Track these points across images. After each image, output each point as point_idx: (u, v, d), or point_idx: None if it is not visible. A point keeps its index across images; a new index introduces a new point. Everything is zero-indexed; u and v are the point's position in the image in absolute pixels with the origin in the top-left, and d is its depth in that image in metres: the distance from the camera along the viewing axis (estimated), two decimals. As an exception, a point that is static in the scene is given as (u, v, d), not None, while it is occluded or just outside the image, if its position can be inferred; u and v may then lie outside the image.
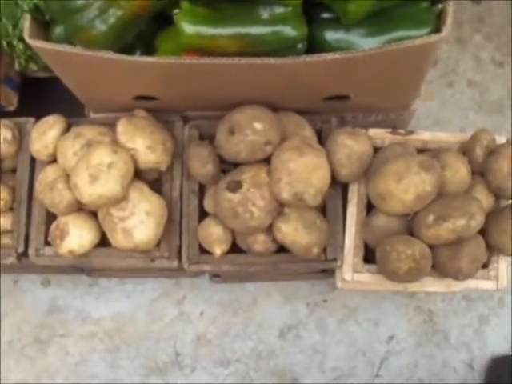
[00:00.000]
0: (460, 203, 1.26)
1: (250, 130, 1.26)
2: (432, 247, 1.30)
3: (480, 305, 1.66)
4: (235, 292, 1.66)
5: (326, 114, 1.41)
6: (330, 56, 1.12)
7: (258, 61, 1.13)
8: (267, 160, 1.28)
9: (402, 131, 1.40)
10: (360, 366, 1.64)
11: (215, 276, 1.60)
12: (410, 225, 1.31)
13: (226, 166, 1.35)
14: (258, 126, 1.26)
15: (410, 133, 1.40)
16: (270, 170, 1.27)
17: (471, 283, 1.37)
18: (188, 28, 1.12)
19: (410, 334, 1.65)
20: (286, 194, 1.23)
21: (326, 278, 1.57)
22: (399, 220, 1.31)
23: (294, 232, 1.29)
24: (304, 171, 1.23)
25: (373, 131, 1.40)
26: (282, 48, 1.17)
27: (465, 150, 1.38)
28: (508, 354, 1.65)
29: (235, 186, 1.28)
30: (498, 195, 1.36)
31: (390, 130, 1.40)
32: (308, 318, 1.65)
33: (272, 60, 1.13)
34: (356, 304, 1.65)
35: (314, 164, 1.24)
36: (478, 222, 1.25)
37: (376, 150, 1.37)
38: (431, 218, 1.25)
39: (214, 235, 1.35)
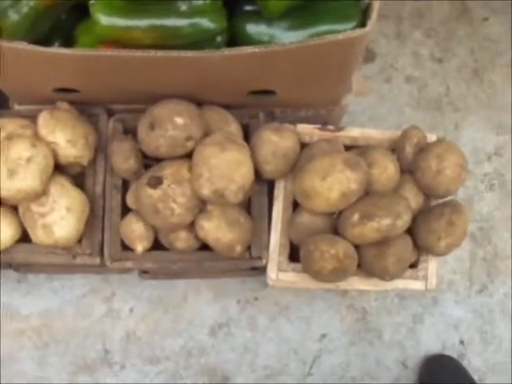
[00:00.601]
0: (386, 202, 1.24)
1: (171, 124, 1.23)
2: (358, 246, 1.28)
3: (414, 303, 1.65)
4: (165, 289, 1.63)
5: (254, 109, 1.38)
6: (249, 50, 1.09)
7: (174, 53, 1.09)
8: (189, 156, 1.24)
9: (331, 127, 1.37)
10: (292, 365, 1.61)
11: (144, 272, 1.56)
12: (335, 223, 1.28)
13: (150, 161, 1.31)
14: (178, 120, 1.23)
15: (340, 129, 1.37)
16: (191, 165, 1.23)
17: (399, 283, 1.35)
18: (103, 19, 1.09)
19: (342, 332, 1.62)
20: (206, 191, 1.20)
21: (257, 276, 1.53)
22: (324, 218, 1.29)
23: (217, 229, 1.26)
24: (225, 167, 1.19)
25: (301, 127, 1.37)
26: (200, 41, 1.14)
27: (395, 147, 1.36)
28: (441, 353, 1.63)
29: (156, 182, 1.24)
30: (427, 194, 1.34)
31: (318, 125, 1.37)
32: (239, 315, 1.62)
33: (189, 53, 1.09)
34: (288, 302, 1.62)
35: (236, 160, 1.21)
36: (404, 221, 1.23)
37: (304, 146, 1.34)
38: (356, 216, 1.23)
39: (136, 232, 1.31)
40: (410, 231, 1.32)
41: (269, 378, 1.60)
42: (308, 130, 1.37)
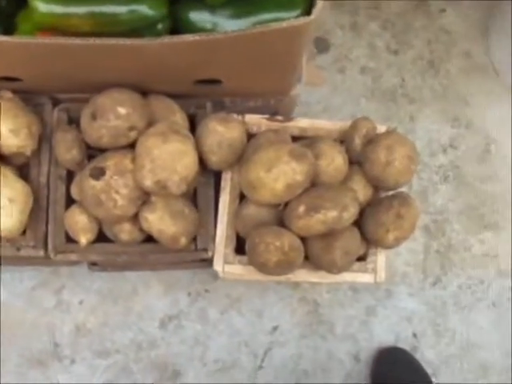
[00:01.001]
0: (333, 194, 1.22)
1: (113, 114, 1.20)
2: (305, 239, 1.26)
3: (367, 296, 1.64)
4: (115, 281, 1.60)
5: (202, 99, 1.35)
6: (190, 38, 1.06)
7: (113, 41, 1.07)
8: (133, 146, 1.22)
9: (279, 118, 1.35)
10: (243, 358, 1.59)
11: (93, 264, 1.53)
12: (281, 215, 1.26)
13: (94, 151, 1.29)
14: (121, 110, 1.20)
15: (288, 119, 1.35)
16: (134, 156, 1.21)
17: (347, 276, 1.33)
18: (41, 6, 1.07)
19: (294, 325, 1.61)
20: (148, 182, 1.17)
21: (207, 268, 1.51)
22: (270, 210, 1.27)
23: (160, 221, 1.24)
24: (168, 158, 1.17)
25: (249, 117, 1.35)
26: (140, 28, 1.11)
27: (344, 138, 1.34)
28: (394, 346, 1.62)
29: (98, 173, 1.22)
30: (376, 186, 1.32)
31: (266, 116, 1.35)
32: (189, 308, 1.60)
33: (127, 41, 1.06)
34: (239, 294, 1.61)
35: (179, 151, 1.18)
36: (351, 213, 1.21)
37: (252, 136, 1.32)
38: (302, 208, 1.21)
39: (80, 224, 1.29)
40: (359, 224, 1.30)
41: (220, 372, 1.58)
42: (256, 120, 1.35)
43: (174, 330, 1.60)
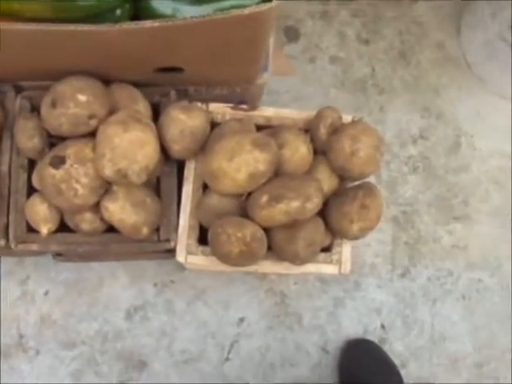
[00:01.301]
0: (296, 184, 1.20)
1: (73, 102, 1.18)
2: (268, 230, 1.25)
3: (335, 287, 1.63)
4: (81, 272, 1.58)
5: (167, 87, 1.33)
6: (148, 24, 1.04)
7: (71, 27, 1.05)
8: (95, 135, 1.20)
9: (244, 106, 1.34)
10: (209, 349, 1.58)
11: (58, 255, 1.51)
12: (244, 206, 1.25)
13: (56, 140, 1.27)
14: (81, 97, 1.19)
15: (253, 108, 1.34)
16: (95, 145, 1.19)
17: (312, 267, 1.32)
18: (-3, -9, 1.04)
19: (261, 316, 1.60)
20: (108, 171, 1.16)
21: (173, 258, 1.49)
22: (233, 200, 1.25)
23: (121, 211, 1.22)
24: (128, 147, 1.15)
25: (213, 106, 1.33)
26: (100, 14, 1.09)
27: (310, 128, 1.33)
28: (363, 338, 1.61)
29: (58, 162, 1.20)
30: (341, 176, 1.31)
31: (231, 104, 1.33)
32: (155, 299, 1.59)
33: (85, 27, 1.04)
34: (205, 285, 1.59)
35: (140, 140, 1.16)
36: (314, 204, 1.20)
37: (216, 125, 1.31)
38: (265, 198, 1.19)
39: (41, 213, 1.27)
40: (323, 214, 1.29)
41: (186, 363, 1.57)
42: (220, 109, 1.33)
43: (140, 320, 1.58)
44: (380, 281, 1.65)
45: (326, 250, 1.34)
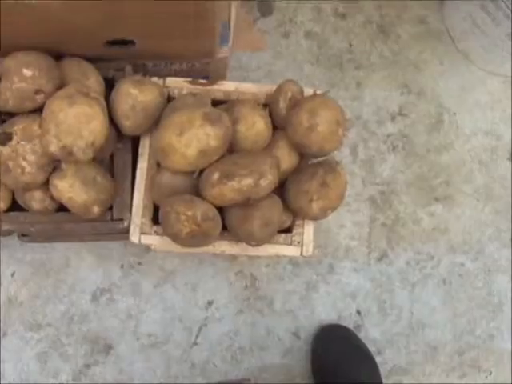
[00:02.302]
0: (250, 161, 1.15)
1: (18, 76, 1.15)
2: (223, 209, 1.20)
3: (308, 271, 1.57)
4: (47, 253, 1.54)
5: (123, 62, 1.28)
6: (86, -7, 1.00)
7: (12, 0, 1.01)
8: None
9: (202, 81, 1.28)
10: (177, 333, 1.53)
11: (23, 235, 1.47)
12: (197, 184, 1.20)
13: (7, 117, 1.22)
14: (27, 72, 1.15)
15: (212, 83, 1.28)
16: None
17: (271, 248, 1.27)
18: None
19: (230, 300, 1.54)
20: (53, 147, 1.11)
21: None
22: (185, 178, 1.20)
23: (70, 189, 1.18)
24: (74, 122, 1.11)
25: (170, 80, 1.28)
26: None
27: (270, 102, 1.27)
28: (336, 323, 1.56)
29: (5, 138, 1.16)
30: (302, 153, 1.25)
31: (189, 79, 1.28)
32: (122, 281, 1.54)
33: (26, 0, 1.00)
34: (173, 267, 1.54)
35: (86, 115, 1.12)
36: (268, 181, 1.15)
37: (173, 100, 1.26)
38: (216, 176, 1.14)
39: (-10, 191, 1.23)
40: (283, 193, 1.24)
41: (153, 347, 1.52)
42: (178, 84, 1.28)
43: (107, 303, 1.54)
44: (356, 264, 1.59)
45: (288, 231, 1.28)
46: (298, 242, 1.27)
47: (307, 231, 1.28)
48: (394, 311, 1.58)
